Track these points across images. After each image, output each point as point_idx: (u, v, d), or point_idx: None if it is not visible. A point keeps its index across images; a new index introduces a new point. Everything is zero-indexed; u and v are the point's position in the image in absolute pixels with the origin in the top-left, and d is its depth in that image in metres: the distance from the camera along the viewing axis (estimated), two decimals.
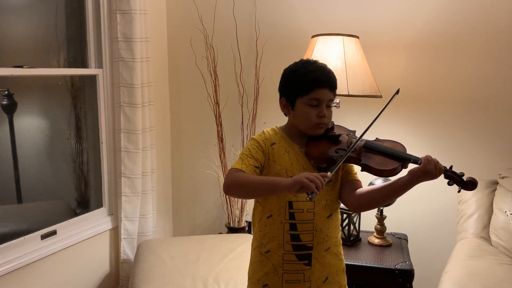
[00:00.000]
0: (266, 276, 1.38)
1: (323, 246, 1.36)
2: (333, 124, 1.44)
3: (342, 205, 1.44)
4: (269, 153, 1.36)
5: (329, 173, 1.20)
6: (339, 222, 1.45)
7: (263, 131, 1.43)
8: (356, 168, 1.41)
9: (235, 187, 1.30)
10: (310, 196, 1.15)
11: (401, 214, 2.49)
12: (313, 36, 2.27)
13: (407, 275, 2.01)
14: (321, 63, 1.39)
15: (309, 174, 1.16)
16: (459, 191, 1.27)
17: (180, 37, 2.88)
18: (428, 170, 1.20)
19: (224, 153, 2.74)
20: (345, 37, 2.18)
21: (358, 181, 1.41)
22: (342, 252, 1.45)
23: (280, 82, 1.43)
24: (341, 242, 1.45)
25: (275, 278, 1.36)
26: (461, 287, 1.71)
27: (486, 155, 2.35)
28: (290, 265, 1.35)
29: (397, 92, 1.47)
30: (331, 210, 1.38)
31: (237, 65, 2.74)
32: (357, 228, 2.32)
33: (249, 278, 1.45)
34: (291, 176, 1.32)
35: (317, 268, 1.36)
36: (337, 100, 2.21)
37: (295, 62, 1.41)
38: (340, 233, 1.44)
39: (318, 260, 1.36)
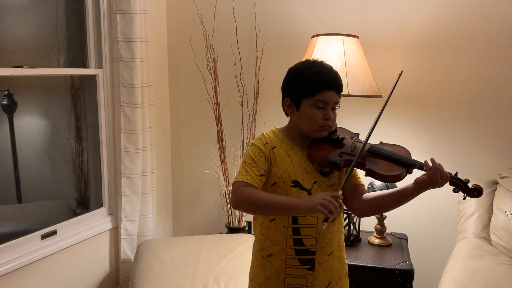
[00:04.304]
0: (268, 280, 1.36)
1: (326, 251, 1.35)
2: (336, 127, 1.41)
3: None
4: (271, 157, 1.33)
5: (340, 192, 1.19)
6: (342, 225, 1.44)
7: (262, 133, 1.40)
8: (360, 173, 1.39)
9: (244, 205, 1.29)
10: (324, 223, 1.16)
11: (401, 214, 2.49)
12: (313, 36, 2.27)
13: (407, 275, 2.01)
14: (328, 64, 1.35)
15: (323, 199, 1.15)
16: (464, 198, 1.27)
17: (180, 37, 2.88)
18: (434, 180, 1.21)
19: (224, 153, 2.74)
20: (345, 37, 2.18)
21: (362, 185, 1.40)
22: (345, 256, 1.44)
23: (285, 82, 1.39)
24: (344, 245, 1.43)
25: (277, 282, 1.35)
26: (461, 287, 1.71)
27: (486, 155, 2.35)
28: (292, 270, 1.34)
29: (401, 74, 1.41)
30: None
31: (237, 65, 2.73)
32: (357, 228, 2.32)
33: (250, 281, 1.44)
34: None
35: (320, 273, 1.35)
36: None
37: (301, 62, 1.38)
38: (343, 237, 1.43)
39: (321, 265, 1.35)
